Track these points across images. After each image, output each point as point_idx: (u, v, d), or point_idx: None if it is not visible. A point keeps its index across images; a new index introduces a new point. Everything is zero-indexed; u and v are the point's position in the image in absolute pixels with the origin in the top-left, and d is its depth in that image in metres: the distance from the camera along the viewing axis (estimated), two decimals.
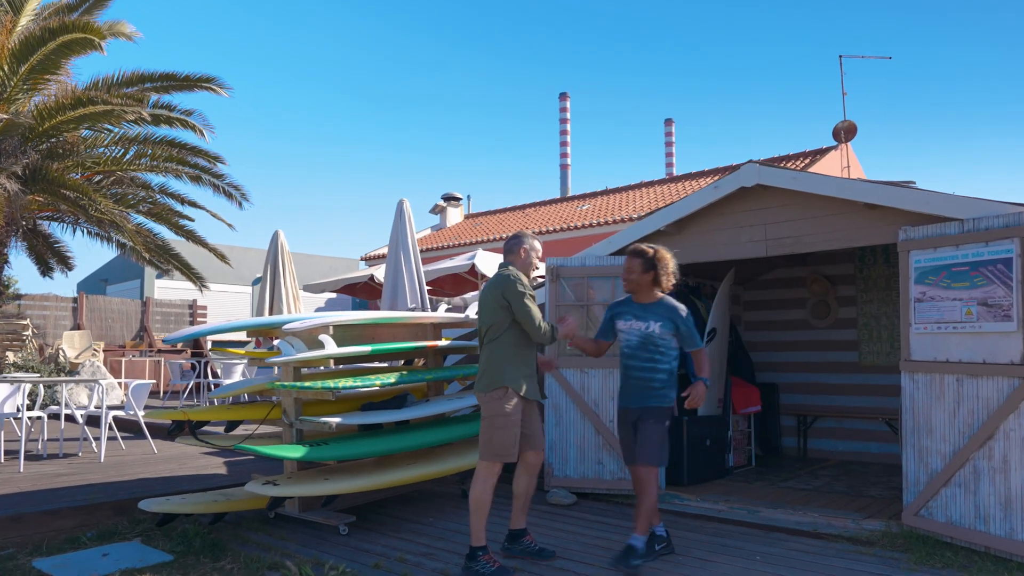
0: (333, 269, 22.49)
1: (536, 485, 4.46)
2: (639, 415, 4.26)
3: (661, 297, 4.34)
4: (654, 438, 4.17)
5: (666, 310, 4.27)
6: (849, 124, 18.25)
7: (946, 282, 4.60)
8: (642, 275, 4.29)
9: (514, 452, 4.17)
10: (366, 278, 13.17)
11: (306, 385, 4.80)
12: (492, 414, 4.16)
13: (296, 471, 5.09)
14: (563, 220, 19.38)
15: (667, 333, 4.26)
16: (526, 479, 4.38)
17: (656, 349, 4.27)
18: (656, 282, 4.30)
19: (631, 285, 4.36)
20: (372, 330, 5.65)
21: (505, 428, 4.14)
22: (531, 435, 4.31)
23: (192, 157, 12.28)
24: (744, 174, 5.49)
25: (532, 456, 4.35)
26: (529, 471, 4.37)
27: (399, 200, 8.87)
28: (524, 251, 4.37)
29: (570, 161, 49.90)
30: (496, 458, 4.15)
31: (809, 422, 8.12)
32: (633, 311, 4.36)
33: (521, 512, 4.44)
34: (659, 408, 4.24)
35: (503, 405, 4.13)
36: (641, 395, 4.27)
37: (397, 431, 5.41)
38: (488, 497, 4.16)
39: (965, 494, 4.47)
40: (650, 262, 4.29)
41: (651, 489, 4.13)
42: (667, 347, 4.27)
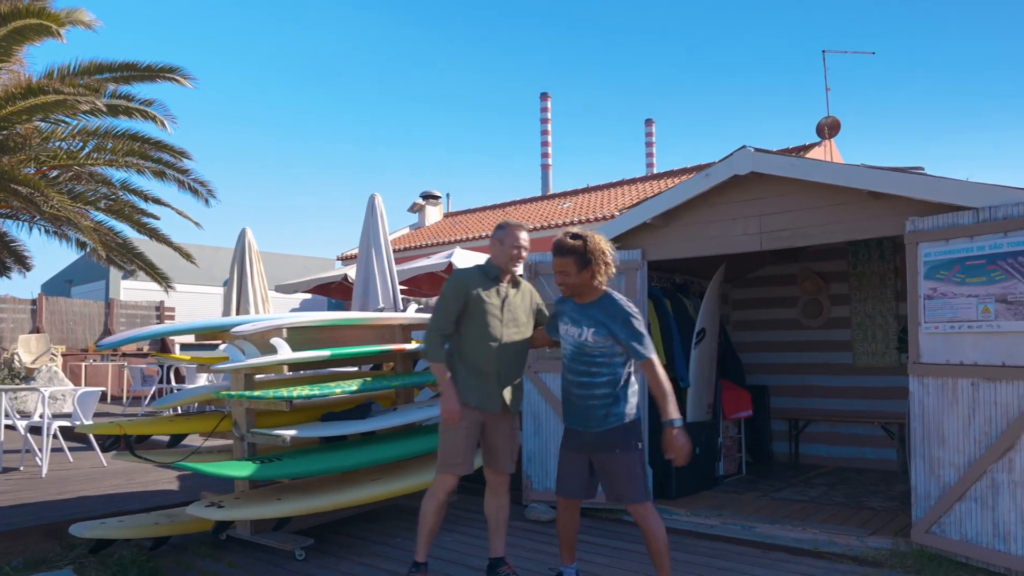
0: (308, 269, 21.89)
1: (507, 508, 3.99)
2: (596, 443, 3.51)
3: (601, 295, 3.57)
4: (634, 470, 3.45)
5: (603, 312, 3.49)
6: (833, 120, 17.98)
7: (960, 277, 4.20)
8: (580, 275, 3.52)
9: (463, 464, 3.74)
10: (340, 278, 12.63)
11: (256, 395, 4.32)
12: (440, 420, 3.81)
13: (247, 490, 4.60)
14: (544, 218, 18.96)
15: (602, 340, 3.49)
16: (492, 500, 3.95)
17: (591, 360, 3.51)
18: (599, 277, 3.53)
19: (569, 291, 3.60)
20: (333, 332, 5.17)
21: (445, 434, 3.75)
22: (491, 451, 3.88)
23: (155, 151, 11.72)
24: (737, 161, 5.07)
25: (490, 476, 3.92)
26: (493, 491, 3.94)
27: (371, 195, 8.39)
28: (497, 242, 3.89)
29: (551, 161, 49.48)
30: (443, 468, 3.76)
31: (801, 426, 7.74)
32: (570, 313, 3.63)
33: (495, 537, 3.98)
34: (620, 429, 3.48)
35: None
36: (583, 417, 3.55)
37: (361, 443, 4.94)
38: (429, 512, 3.77)
39: (982, 510, 4.08)
40: (585, 258, 3.49)
41: (651, 525, 3.47)
42: (606, 356, 3.50)
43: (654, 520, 3.48)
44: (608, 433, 3.51)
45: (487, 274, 3.87)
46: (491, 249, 3.92)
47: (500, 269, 3.88)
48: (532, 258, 5.78)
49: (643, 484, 3.49)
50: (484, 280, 3.83)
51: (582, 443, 3.61)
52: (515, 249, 3.85)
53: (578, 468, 3.63)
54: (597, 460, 3.55)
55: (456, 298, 3.74)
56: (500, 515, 3.95)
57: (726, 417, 6.66)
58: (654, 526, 3.46)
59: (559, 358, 5.66)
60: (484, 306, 3.76)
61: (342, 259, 22.39)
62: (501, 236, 3.88)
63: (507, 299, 3.88)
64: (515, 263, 3.88)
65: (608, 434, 3.51)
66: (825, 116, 17.69)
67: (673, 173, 19.89)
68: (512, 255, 3.85)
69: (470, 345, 3.76)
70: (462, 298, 3.74)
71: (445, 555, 4.50)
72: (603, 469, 3.54)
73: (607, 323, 3.49)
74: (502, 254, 3.86)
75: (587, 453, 3.59)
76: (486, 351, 3.76)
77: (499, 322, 3.81)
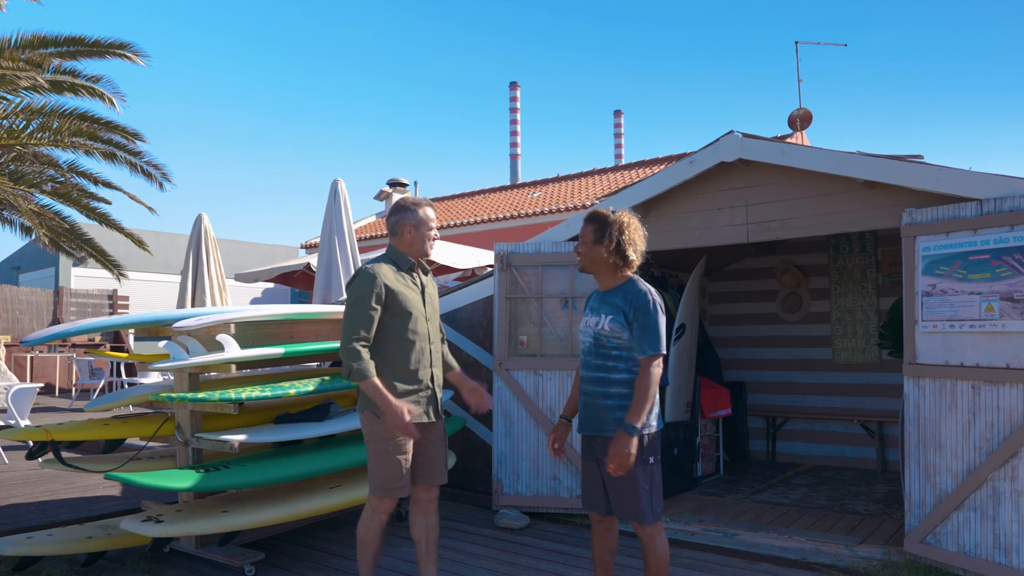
0: (270, 257, 21.27)
1: (438, 528, 3.49)
2: (604, 450, 3.10)
3: (625, 280, 3.19)
4: (636, 486, 3.05)
5: (623, 298, 3.11)
6: (804, 112, 17.82)
7: (961, 273, 3.95)
8: (594, 246, 3.15)
9: (402, 486, 3.29)
10: (302, 266, 12.15)
11: (200, 396, 3.91)
12: (369, 439, 3.33)
13: (191, 500, 4.19)
14: (514, 207, 18.61)
15: (619, 329, 3.10)
16: (421, 521, 3.44)
17: (607, 354, 3.14)
18: (618, 257, 3.14)
19: (583, 261, 3.23)
20: (289, 327, 4.76)
21: (384, 456, 3.26)
22: (424, 464, 3.40)
23: (105, 132, 11.10)
24: (724, 147, 4.77)
25: (420, 492, 3.43)
26: (422, 510, 3.44)
27: (333, 180, 7.97)
28: (410, 228, 3.38)
29: (520, 151, 49.07)
30: (379, 492, 3.29)
31: (778, 424, 7.52)
32: (592, 302, 3.28)
33: (426, 563, 3.44)
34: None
35: (378, 430, 3.27)
36: (595, 420, 3.15)
37: (319, 448, 4.55)
38: (372, 537, 3.33)
39: (981, 520, 3.84)
40: (603, 227, 3.13)
41: (656, 549, 3.11)
42: (625, 349, 3.11)
43: (661, 543, 3.11)
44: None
45: (399, 266, 3.39)
46: (402, 236, 3.41)
47: (413, 259, 3.43)
48: (504, 248, 5.43)
49: (652, 503, 3.09)
50: (398, 273, 3.37)
51: (593, 450, 3.22)
52: (431, 231, 3.43)
53: (595, 480, 3.23)
54: (605, 470, 3.14)
55: (375, 298, 3.22)
56: (431, 536, 3.44)
57: (705, 416, 6.39)
58: (660, 550, 3.10)
59: (534, 355, 5.36)
60: (406, 303, 3.30)
61: (306, 247, 21.81)
62: (412, 219, 3.39)
63: (425, 290, 3.46)
64: (430, 248, 3.45)
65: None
66: (797, 108, 17.56)
67: (644, 163, 19.65)
68: (429, 238, 3.42)
69: (395, 350, 3.31)
70: (381, 297, 3.24)
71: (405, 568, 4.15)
72: (610, 481, 3.13)
73: (625, 310, 3.10)
74: (417, 240, 3.40)
75: (596, 459, 3.18)
76: (416, 354, 3.34)
77: (424, 318, 3.39)
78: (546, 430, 5.27)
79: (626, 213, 3.23)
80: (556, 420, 5.26)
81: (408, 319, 3.32)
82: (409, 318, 3.32)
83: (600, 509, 3.24)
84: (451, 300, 6.01)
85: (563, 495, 5.26)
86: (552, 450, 3.36)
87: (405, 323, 3.32)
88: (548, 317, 5.37)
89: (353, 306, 3.24)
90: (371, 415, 3.30)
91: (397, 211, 3.45)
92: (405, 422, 3.18)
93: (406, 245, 3.42)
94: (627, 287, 3.17)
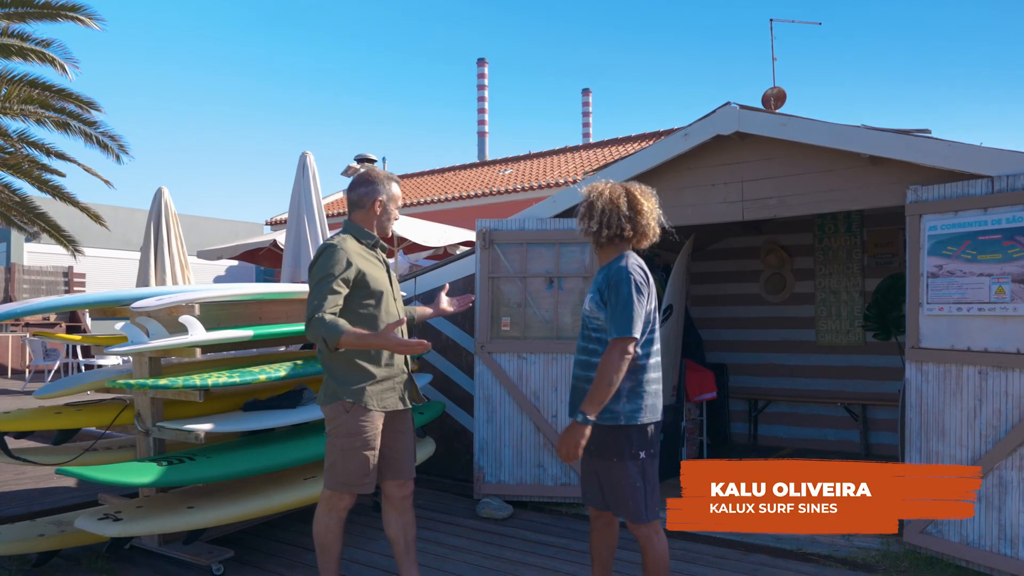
0: (234, 234, 20.64)
1: (415, 525, 3.24)
2: (593, 444, 2.84)
3: (616, 257, 2.92)
4: (628, 482, 2.79)
5: (603, 274, 2.86)
6: (778, 91, 17.68)
7: (970, 253, 3.78)
8: (587, 227, 2.95)
9: (367, 482, 3.04)
10: (268, 243, 11.74)
11: (161, 383, 3.60)
12: (332, 433, 3.06)
13: (153, 494, 3.88)
14: (485, 185, 18.29)
15: (597, 310, 2.85)
16: (397, 519, 3.19)
17: (590, 335, 2.90)
18: (596, 234, 2.91)
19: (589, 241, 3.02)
20: (257, 308, 4.44)
21: (350, 452, 3.01)
22: (392, 458, 3.15)
23: (58, 100, 10.54)
24: (721, 119, 4.53)
25: (394, 488, 3.18)
26: (396, 507, 3.19)
27: (302, 153, 7.60)
28: (377, 203, 3.16)
29: (488, 129, 48.50)
30: (340, 487, 3.04)
31: (760, 407, 7.40)
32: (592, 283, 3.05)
33: (405, 562, 3.20)
34: (619, 431, 2.82)
35: (346, 424, 3.02)
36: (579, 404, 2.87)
37: (291, 437, 4.26)
38: (332, 536, 3.08)
39: (987, 510, 3.71)
40: (590, 205, 2.92)
41: (654, 549, 2.87)
42: (604, 331, 2.85)
43: (659, 542, 2.88)
44: (606, 432, 2.84)
45: (362, 242, 3.15)
46: (370, 210, 3.16)
47: (377, 235, 3.20)
48: (487, 224, 5.15)
49: (647, 501, 2.84)
50: (364, 250, 3.13)
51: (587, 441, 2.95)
52: (398, 209, 3.25)
53: (590, 472, 2.99)
54: (593, 465, 2.92)
55: (342, 276, 2.96)
56: (409, 535, 3.19)
57: (690, 399, 6.22)
58: (658, 548, 2.87)
59: (518, 337, 5.11)
60: (374, 282, 3.07)
61: (271, 224, 21.28)
62: (384, 194, 3.16)
63: (389, 269, 3.26)
64: (392, 224, 3.23)
65: (605, 433, 2.84)
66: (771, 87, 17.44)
67: (617, 141, 19.42)
68: (393, 215, 3.21)
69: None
70: (348, 277, 2.99)
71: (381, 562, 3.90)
72: (601, 475, 2.91)
73: (603, 289, 2.85)
74: (384, 216, 3.19)
75: (589, 451, 2.91)
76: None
77: (392, 298, 3.17)
78: (530, 415, 5.05)
79: (614, 185, 2.97)
80: (540, 406, 5.04)
81: (380, 298, 3.08)
82: (381, 297, 3.08)
83: (596, 503, 3.02)
84: (429, 279, 5.73)
85: (548, 483, 5.05)
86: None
87: (378, 303, 3.08)
88: (532, 298, 5.12)
89: (318, 285, 2.96)
90: (339, 407, 3.03)
91: (366, 183, 3.17)
92: (400, 339, 2.94)
93: (370, 220, 3.17)
94: (612, 264, 2.92)
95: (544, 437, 5.03)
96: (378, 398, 3.05)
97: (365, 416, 3.02)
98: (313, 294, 2.96)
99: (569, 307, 5.09)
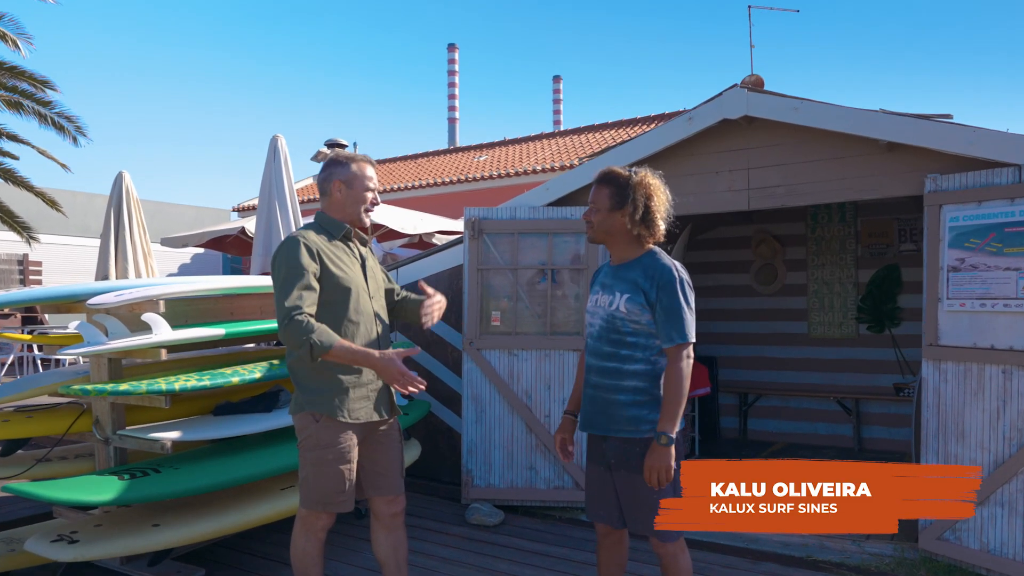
0: (199, 221, 19.99)
1: (406, 544, 2.94)
2: (618, 455, 2.64)
3: (645, 252, 2.71)
4: (653, 497, 2.55)
5: (642, 273, 2.63)
6: (756, 78, 17.57)
7: (996, 246, 3.57)
8: (611, 214, 2.66)
9: (344, 500, 2.72)
10: (236, 230, 11.27)
11: (122, 389, 3.24)
12: (303, 446, 2.75)
13: (114, 510, 3.53)
14: (459, 171, 17.90)
15: (638, 311, 2.61)
16: (386, 539, 2.89)
17: (621, 340, 2.64)
18: (643, 227, 2.65)
19: (596, 232, 2.73)
20: (229, 303, 4.09)
21: (322, 465, 2.69)
22: (376, 472, 2.84)
23: (9, 79, 9.97)
24: (728, 102, 4.27)
25: (382, 505, 2.87)
26: (387, 526, 2.88)
27: (273, 136, 7.18)
28: (341, 185, 2.79)
29: (458, 115, 47.94)
30: (315, 505, 2.72)
31: (750, 401, 7.21)
32: (603, 278, 2.78)
33: None
34: (643, 442, 2.59)
35: (317, 435, 2.69)
36: (604, 417, 2.66)
37: (267, 443, 3.92)
38: (310, 561, 2.77)
39: (1010, 516, 3.52)
40: (623, 191, 2.64)
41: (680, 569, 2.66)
42: (643, 334, 2.62)
43: (684, 560, 2.65)
44: (635, 444, 2.59)
45: (332, 233, 2.80)
46: (331, 196, 2.82)
47: (348, 224, 2.84)
48: (476, 213, 4.84)
49: None
50: (332, 242, 2.78)
51: (603, 454, 2.70)
52: (369, 192, 2.82)
53: (605, 487, 2.72)
54: (617, 477, 2.65)
55: (309, 268, 2.62)
56: (399, 555, 2.89)
57: None
58: (683, 568, 2.64)
59: (508, 332, 4.82)
60: (344, 278, 2.73)
61: (238, 210, 20.69)
62: (346, 176, 2.79)
63: (366, 263, 2.87)
64: (368, 213, 2.84)
65: (635, 445, 2.59)
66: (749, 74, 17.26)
67: (594, 128, 19.14)
68: (366, 201, 2.82)
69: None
70: (316, 267, 2.65)
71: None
72: (625, 490, 2.64)
73: (645, 288, 2.60)
74: (349, 200, 2.80)
75: (606, 463, 2.68)
76: (362, 339, 2.75)
77: (367, 296, 2.81)
78: (522, 415, 4.76)
79: (649, 173, 2.73)
80: (533, 406, 4.76)
81: (347, 297, 2.72)
82: (348, 295, 2.72)
83: (612, 521, 2.76)
84: (412, 270, 5.40)
85: (540, 486, 4.78)
86: (560, 452, 2.85)
87: (344, 302, 2.71)
88: (524, 291, 4.83)
89: (287, 280, 2.60)
90: (308, 417, 2.71)
91: (326, 166, 2.83)
92: (401, 368, 2.61)
93: (336, 207, 2.81)
94: (647, 260, 2.69)
95: (536, 438, 4.76)
96: (348, 409, 2.70)
97: (336, 428, 2.70)
98: (283, 291, 2.59)
99: (563, 301, 4.81)
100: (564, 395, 4.70)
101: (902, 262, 6.58)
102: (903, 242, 6.61)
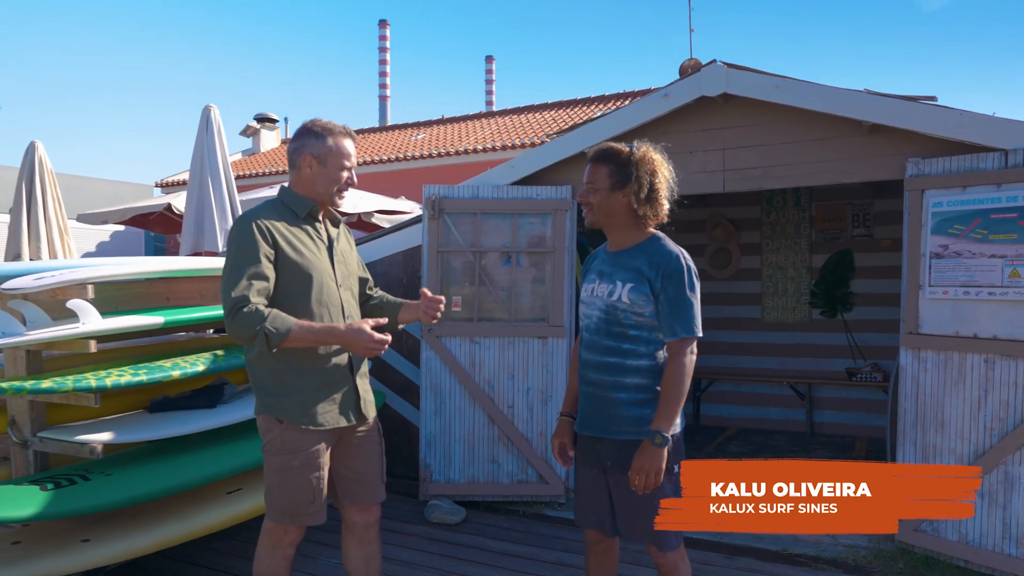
0: (120, 197, 18.86)
1: (380, 557, 2.68)
2: (615, 457, 2.40)
3: (648, 237, 2.49)
4: (653, 502, 2.33)
5: (646, 261, 2.40)
6: (695, 62, 17.54)
7: (981, 233, 3.49)
8: (611, 194, 2.41)
9: (314, 511, 2.44)
10: (162, 207, 10.58)
11: (45, 385, 2.83)
12: (267, 450, 2.45)
13: (35, 525, 3.11)
14: (397, 149, 17.40)
15: (641, 302, 2.37)
16: (358, 550, 2.63)
17: (623, 333, 2.40)
18: (648, 208, 2.43)
19: (595, 214, 2.47)
20: (166, 287, 3.68)
21: (288, 472, 2.39)
22: (353, 479, 2.57)
23: None
24: (706, 79, 4.08)
25: (356, 514, 2.60)
26: (359, 537, 2.62)
27: (205, 107, 6.67)
28: (312, 159, 2.43)
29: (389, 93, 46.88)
30: (282, 518, 2.43)
31: (703, 386, 7.15)
32: (600, 266, 2.53)
33: None
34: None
35: (280, 438, 2.40)
36: (601, 417, 2.44)
37: (211, 442, 3.56)
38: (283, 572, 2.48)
39: (990, 507, 3.48)
40: (625, 171, 2.40)
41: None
42: (646, 327, 2.39)
43: (684, 569, 2.48)
44: (637, 446, 2.34)
45: (295, 212, 2.47)
46: (300, 171, 2.47)
47: (315, 202, 2.49)
48: (435, 191, 4.53)
49: None
50: (293, 222, 2.45)
51: (597, 455, 2.46)
52: (344, 171, 2.47)
53: (598, 491, 2.49)
54: (613, 480, 2.41)
55: (264, 249, 2.31)
56: (372, 568, 2.64)
57: None
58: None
59: (470, 319, 4.54)
60: (304, 264, 2.40)
61: (163, 185, 19.68)
62: (319, 150, 2.43)
63: (334, 246, 2.54)
64: (342, 193, 2.49)
65: (636, 447, 2.34)
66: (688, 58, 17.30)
67: (534, 108, 18.90)
68: (340, 180, 2.47)
69: None
70: (270, 251, 2.34)
71: None
72: (621, 495, 2.41)
73: (650, 277, 2.36)
74: (322, 180, 2.45)
75: (600, 466, 2.45)
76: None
77: (333, 283, 2.49)
78: (484, 406, 4.51)
79: (651, 148, 2.50)
80: (495, 396, 4.51)
81: (308, 284, 2.39)
82: (309, 283, 2.40)
83: (604, 528, 2.54)
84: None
85: (503, 480, 4.55)
86: (559, 458, 2.61)
87: (305, 291, 2.39)
88: (487, 274, 4.56)
89: (236, 267, 2.28)
90: (271, 420, 2.40)
91: (297, 136, 2.48)
92: (372, 335, 2.32)
93: (304, 184, 2.46)
94: (651, 247, 2.46)
95: (499, 430, 4.51)
96: (309, 416, 2.40)
97: (301, 433, 2.40)
98: (230, 280, 2.27)
99: (528, 285, 4.56)
100: (528, 385, 4.47)
101: (855, 247, 6.59)
102: (856, 227, 6.62)
